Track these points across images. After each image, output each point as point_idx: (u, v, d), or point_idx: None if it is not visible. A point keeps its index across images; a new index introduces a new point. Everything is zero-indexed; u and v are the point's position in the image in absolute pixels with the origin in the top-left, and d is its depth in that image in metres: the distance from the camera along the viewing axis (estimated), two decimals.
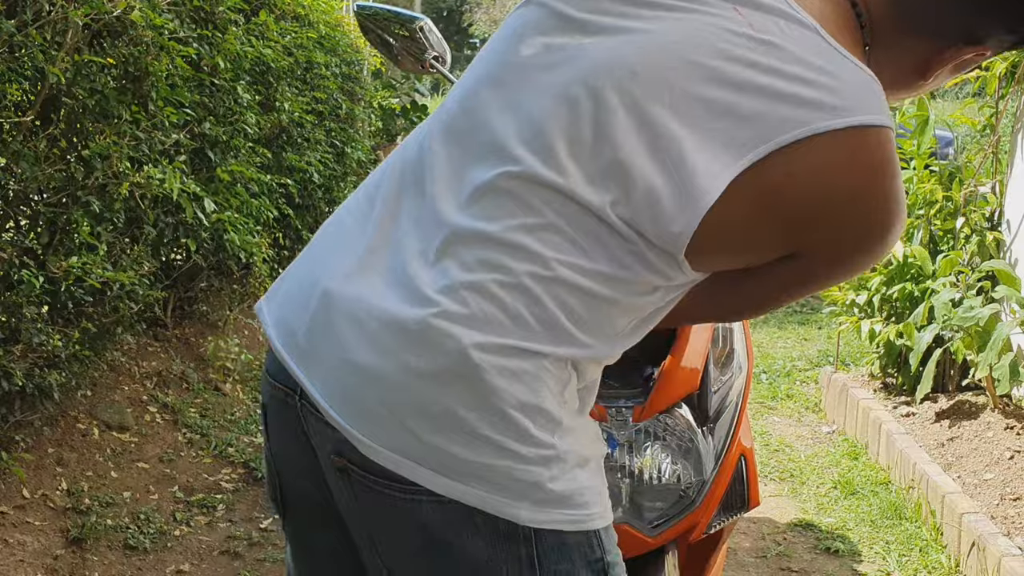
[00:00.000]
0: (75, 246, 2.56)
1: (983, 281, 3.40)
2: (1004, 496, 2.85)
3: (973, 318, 3.10)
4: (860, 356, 4.51)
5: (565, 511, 0.91)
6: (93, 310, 2.68)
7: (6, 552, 2.35)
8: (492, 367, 0.88)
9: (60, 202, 2.52)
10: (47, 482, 2.68)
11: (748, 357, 1.61)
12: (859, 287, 3.97)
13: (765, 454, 3.69)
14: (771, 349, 5.20)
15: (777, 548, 2.90)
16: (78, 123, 2.54)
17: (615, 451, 1.44)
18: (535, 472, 0.90)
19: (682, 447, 1.46)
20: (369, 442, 0.91)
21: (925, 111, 3.79)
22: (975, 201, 3.65)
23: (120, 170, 2.52)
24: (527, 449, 0.89)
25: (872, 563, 2.81)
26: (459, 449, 0.89)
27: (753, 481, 1.53)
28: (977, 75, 3.68)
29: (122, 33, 2.58)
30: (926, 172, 3.83)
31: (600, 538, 0.94)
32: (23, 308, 2.32)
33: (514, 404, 0.89)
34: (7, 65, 2.23)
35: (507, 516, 0.90)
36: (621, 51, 0.92)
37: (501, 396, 0.89)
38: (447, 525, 0.91)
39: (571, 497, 0.91)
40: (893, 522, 3.03)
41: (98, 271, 2.47)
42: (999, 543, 2.53)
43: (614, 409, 1.45)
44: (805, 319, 5.87)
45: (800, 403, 4.34)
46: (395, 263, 0.95)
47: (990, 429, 3.25)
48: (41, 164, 2.38)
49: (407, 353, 0.90)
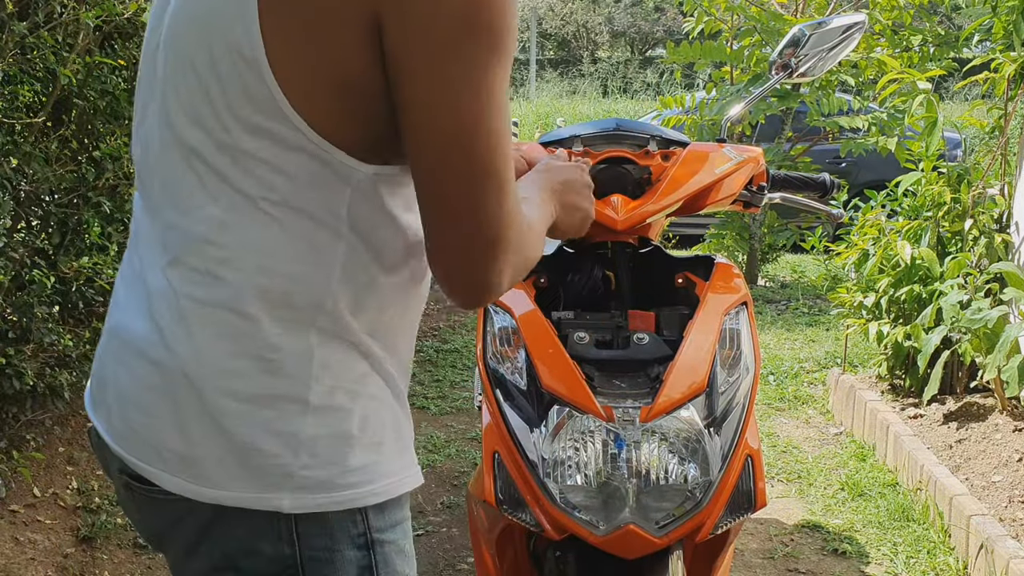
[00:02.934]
0: (86, 246, 2.58)
1: (991, 283, 3.39)
2: (1012, 498, 2.85)
3: (981, 320, 3.10)
4: (868, 358, 4.50)
5: (325, 495, 0.90)
6: (104, 310, 2.70)
7: (17, 550, 2.36)
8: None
9: (71, 203, 2.54)
10: (58, 481, 2.69)
11: (755, 358, 1.61)
12: (867, 289, 3.97)
13: (772, 455, 3.69)
14: (779, 350, 5.20)
15: (784, 549, 2.90)
16: (89, 124, 2.55)
17: (622, 451, 1.45)
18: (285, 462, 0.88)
19: (689, 448, 1.46)
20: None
21: (933, 113, 3.78)
22: (983, 203, 3.64)
23: (131, 171, 2.54)
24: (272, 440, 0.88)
25: (880, 565, 2.81)
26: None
27: (760, 482, 1.53)
28: (986, 77, 3.68)
29: (133, 35, 2.60)
30: (934, 174, 3.82)
31: (366, 515, 0.92)
32: (34, 308, 2.34)
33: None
34: (19, 67, 2.25)
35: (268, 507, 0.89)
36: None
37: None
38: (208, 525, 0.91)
39: (331, 480, 0.90)
40: (901, 524, 3.03)
41: (109, 271, 2.49)
42: (1007, 545, 2.52)
43: (621, 410, 1.45)
44: (813, 320, 5.86)
45: (808, 404, 4.33)
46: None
47: (998, 431, 3.24)
48: (52, 165, 2.39)
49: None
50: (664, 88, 22.61)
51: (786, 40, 1.90)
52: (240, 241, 0.87)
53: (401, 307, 0.97)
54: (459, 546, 2.82)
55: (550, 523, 1.46)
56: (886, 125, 5.91)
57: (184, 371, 0.89)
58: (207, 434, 0.88)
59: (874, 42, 6.16)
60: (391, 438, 0.96)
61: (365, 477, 0.92)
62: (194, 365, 0.88)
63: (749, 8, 6.12)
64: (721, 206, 1.81)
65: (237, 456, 0.88)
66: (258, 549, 0.89)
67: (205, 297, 0.88)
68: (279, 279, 0.88)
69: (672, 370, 1.49)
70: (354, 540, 0.91)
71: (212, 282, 0.88)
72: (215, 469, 0.88)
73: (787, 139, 6.64)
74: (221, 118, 0.86)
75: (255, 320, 0.88)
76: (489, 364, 1.58)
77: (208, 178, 0.88)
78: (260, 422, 0.88)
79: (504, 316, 1.60)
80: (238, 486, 0.88)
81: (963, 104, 10.12)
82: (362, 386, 0.93)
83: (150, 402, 0.91)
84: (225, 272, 0.88)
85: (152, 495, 0.92)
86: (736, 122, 2.28)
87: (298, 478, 0.88)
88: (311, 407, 0.89)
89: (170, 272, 0.90)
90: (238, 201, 0.87)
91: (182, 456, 0.89)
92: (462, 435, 3.74)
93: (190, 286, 0.89)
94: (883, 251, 3.87)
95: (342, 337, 0.91)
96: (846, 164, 7.94)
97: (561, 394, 1.47)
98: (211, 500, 0.89)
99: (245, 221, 0.87)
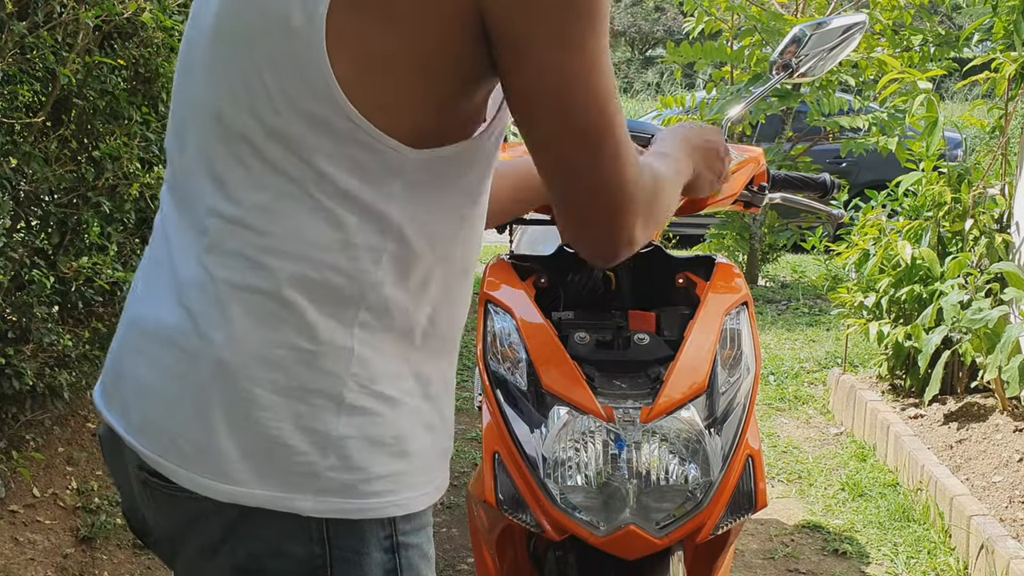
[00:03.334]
0: (85, 246, 2.58)
1: (992, 283, 3.39)
2: (1013, 499, 2.84)
3: (982, 320, 3.09)
4: (868, 358, 4.50)
5: (348, 500, 0.87)
6: (103, 310, 2.70)
7: (17, 550, 2.36)
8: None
9: (71, 203, 2.53)
10: (57, 481, 2.69)
11: (756, 358, 1.61)
12: (867, 289, 3.97)
13: (773, 455, 3.69)
14: (779, 351, 5.19)
15: (785, 549, 2.90)
16: (89, 124, 2.55)
17: (622, 452, 1.44)
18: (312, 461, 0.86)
19: (689, 448, 1.46)
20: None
21: (934, 113, 3.78)
22: (984, 203, 3.64)
23: (130, 171, 2.54)
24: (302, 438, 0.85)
25: (880, 565, 2.81)
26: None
27: (761, 482, 1.53)
28: (986, 77, 3.68)
29: (132, 35, 2.60)
30: (935, 174, 3.82)
31: (394, 519, 0.90)
32: (34, 308, 2.34)
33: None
34: (19, 67, 2.25)
35: (290, 509, 0.86)
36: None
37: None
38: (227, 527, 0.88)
39: (355, 486, 0.87)
40: (901, 524, 3.03)
41: (108, 271, 2.49)
42: (1008, 545, 2.52)
43: (621, 410, 1.45)
44: (813, 320, 5.86)
45: (808, 405, 4.33)
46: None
47: (999, 431, 3.24)
48: (52, 165, 2.39)
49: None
50: (664, 88, 22.62)
51: (786, 40, 1.90)
52: (286, 229, 0.85)
53: (447, 304, 0.94)
54: (459, 546, 2.82)
55: (550, 524, 1.45)
56: (886, 125, 5.91)
57: (218, 357, 0.85)
58: (234, 425, 0.85)
59: (874, 42, 6.16)
60: (422, 448, 0.92)
61: (390, 487, 0.88)
62: (229, 352, 0.85)
63: (749, 8, 6.12)
64: (721, 206, 1.80)
65: (262, 450, 0.85)
66: (288, 550, 0.87)
67: (245, 283, 0.85)
68: (325, 270, 0.85)
69: (673, 370, 1.49)
70: (381, 543, 0.89)
71: (254, 267, 0.85)
72: (237, 464, 0.85)
73: (787, 139, 6.64)
74: (274, 103, 0.83)
75: (297, 309, 0.85)
76: (489, 364, 1.58)
77: (256, 165, 0.85)
78: (291, 416, 0.85)
79: (504, 316, 1.60)
80: (259, 484, 0.85)
81: (963, 104, 10.12)
82: (399, 390, 0.90)
83: (174, 392, 0.88)
84: (269, 259, 0.85)
85: (171, 492, 0.89)
86: (736, 122, 2.28)
87: (323, 479, 0.86)
88: (345, 406, 0.86)
89: (207, 259, 0.87)
90: (286, 189, 0.84)
91: (203, 449, 0.86)
92: (462, 435, 3.74)
93: (229, 271, 0.86)
94: (883, 251, 3.87)
95: (384, 335, 0.88)
96: (846, 164, 7.94)
97: (561, 394, 1.47)
98: (228, 499, 0.85)
99: (292, 209, 0.84)
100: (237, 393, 0.85)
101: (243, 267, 0.86)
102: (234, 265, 0.86)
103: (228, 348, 0.85)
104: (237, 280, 0.86)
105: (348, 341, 0.86)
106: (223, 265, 0.86)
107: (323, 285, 0.85)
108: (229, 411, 0.85)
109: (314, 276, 0.85)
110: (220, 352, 0.85)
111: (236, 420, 0.85)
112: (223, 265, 0.86)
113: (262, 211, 0.85)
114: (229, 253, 0.86)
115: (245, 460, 0.85)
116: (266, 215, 0.85)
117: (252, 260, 0.85)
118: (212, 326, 0.86)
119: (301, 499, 0.85)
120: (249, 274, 0.85)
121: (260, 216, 0.85)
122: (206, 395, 0.86)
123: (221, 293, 0.86)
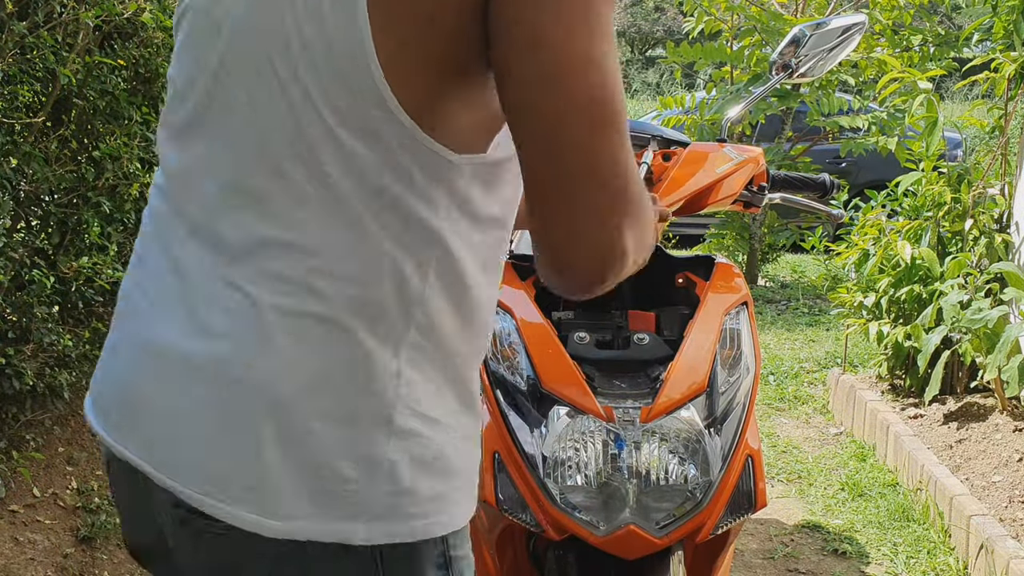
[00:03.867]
0: (85, 246, 2.58)
1: (991, 283, 3.40)
2: (1013, 498, 2.85)
3: (981, 320, 3.10)
4: (868, 358, 4.50)
5: (400, 524, 0.85)
6: (103, 310, 2.70)
7: (17, 550, 2.36)
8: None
9: (71, 203, 2.53)
10: (57, 481, 2.69)
11: (756, 358, 1.61)
12: (867, 289, 3.97)
13: (772, 455, 3.69)
14: (779, 351, 5.19)
15: (784, 549, 2.90)
16: (89, 124, 2.55)
17: (622, 451, 1.44)
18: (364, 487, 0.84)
19: (689, 448, 1.46)
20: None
21: (934, 113, 3.78)
22: (984, 203, 3.64)
23: (130, 171, 2.54)
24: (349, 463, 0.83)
25: (880, 565, 2.81)
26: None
27: (760, 482, 1.53)
28: (986, 77, 3.68)
29: (132, 35, 2.60)
30: (935, 174, 3.82)
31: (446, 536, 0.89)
32: (34, 308, 2.34)
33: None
34: (19, 67, 2.25)
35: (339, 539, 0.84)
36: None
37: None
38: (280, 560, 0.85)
39: (405, 509, 0.85)
40: (901, 524, 3.03)
41: (108, 271, 2.49)
42: (1007, 545, 2.52)
43: (621, 410, 1.45)
44: (813, 320, 5.86)
45: (808, 405, 4.33)
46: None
47: (998, 431, 3.24)
48: (52, 165, 2.39)
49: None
50: (664, 88, 22.62)
51: (786, 40, 1.90)
52: (333, 247, 0.81)
53: (487, 312, 0.92)
54: None
55: (550, 523, 1.46)
56: (886, 125, 5.92)
57: (265, 388, 0.81)
58: (287, 458, 0.82)
59: (874, 42, 6.16)
60: (465, 464, 0.91)
61: (438, 506, 0.87)
62: (278, 382, 0.81)
63: (749, 8, 6.12)
64: (721, 206, 1.80)
65: (313, 481, 0.82)
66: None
67: (297, 308, 0.81)
68: (376, 288, 0.82)
69: (672, 370, 1.49)
70: (435, 560, 0.88)
71: (303, 291, 0.81)
72: (288, 498, 0.82)
73: (787, 139, 6.64)
74: (319, 111, 0.80)
75: (350, 333, 0.82)
76: (489, 364, 1.58)
77: (295, 179, 0.81)
78: (342, 443, 0.82)
79: (504, 316, 1.60)
80: (310, 516, 0.82)
81: (963, 104, 10.12)
82: (443, 409, 0.88)
83: (214, 426, 0.83)
84: (320, 282, 0.81)
85: (215, 530, 0.84)
86: (736, 122, 2.28)
87: (375, 506, 0.83)
88: (395, 429, 0.84)
89: (235, 276, 0.83)
90: (331, 203, 0.81)
91: (251, 486, 0.82)
92: None
93: (277, 296, 0.82)
94: (883, 251, 3.87)
95: (430, 354, 0.86)
96: (846, 164, 7.94)
97: (561, 394, 1.47)
98: (278, 534, 0.82)
99: (338, 224, 0.81)
100: (289, 424, 0.82)
101: (291, 291, 0.82)
102: (282, 289, 0.82)
103: (278, 378, 0.82)
104: (287, 305, 0.82)
105: (396, 363, 0.84)
106: (267, 288, 0.82)
107: (375, 305, 0.83)
108: (282, 444, 0.82)
109: (366, 296, 0.82)
110: (269, 383, 0.82)
111: (289, 452, 0.82)
112: (267, 288, 0.82)
113: (304, 228, 0.81)
114: (272, 276, 0.82)
115: (296, 493, 0.82)
116: (311, 233, 0.81)
117: (301, 283, 0.82)
118: (255, 354, 0.82)
119: (352, 527, 0.83)
120: (300, 299, 0.82)
121: (303, 234, 0.81)
122: (254, 428, 0.82)
123: (264, 318, 0.82)
